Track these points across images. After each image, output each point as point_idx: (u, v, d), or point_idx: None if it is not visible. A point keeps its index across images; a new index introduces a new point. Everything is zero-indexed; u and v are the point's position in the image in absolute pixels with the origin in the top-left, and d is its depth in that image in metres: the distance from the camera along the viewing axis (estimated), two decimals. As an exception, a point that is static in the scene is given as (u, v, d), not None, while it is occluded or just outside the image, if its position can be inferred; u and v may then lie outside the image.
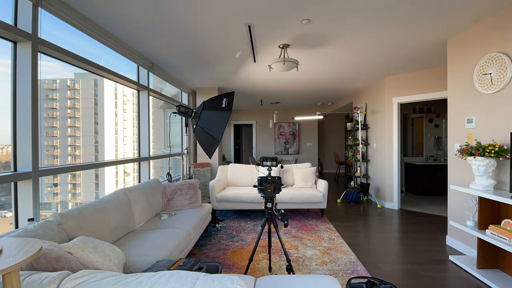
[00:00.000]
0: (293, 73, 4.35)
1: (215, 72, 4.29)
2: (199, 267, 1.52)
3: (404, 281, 2.18)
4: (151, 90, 3.75)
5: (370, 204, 4.85)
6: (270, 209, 2.09)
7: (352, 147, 5.62)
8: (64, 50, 2.19)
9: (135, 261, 1.73)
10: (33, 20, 1.89)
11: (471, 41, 2.64)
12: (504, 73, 2.23)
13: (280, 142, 9.04)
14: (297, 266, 2.42)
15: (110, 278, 0.92)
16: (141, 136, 3.68)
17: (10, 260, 0.82)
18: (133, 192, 2.51)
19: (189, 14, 2.36)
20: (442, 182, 5.58)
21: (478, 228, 2.25)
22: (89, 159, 9.05)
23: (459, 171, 2.79)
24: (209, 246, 2.91)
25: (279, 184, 2.07)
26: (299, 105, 8.12)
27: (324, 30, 2.69)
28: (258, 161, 2.20)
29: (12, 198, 1.83)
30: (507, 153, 2.12)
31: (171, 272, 0.94)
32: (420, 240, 3.06)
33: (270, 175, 2.11)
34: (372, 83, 5.10)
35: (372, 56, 3.51)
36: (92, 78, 8.74)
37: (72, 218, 1.70)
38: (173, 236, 2.16)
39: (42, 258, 1.10)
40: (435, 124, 6.07)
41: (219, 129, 3.06)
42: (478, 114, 2.55)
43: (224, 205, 3.91)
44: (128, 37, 2.83)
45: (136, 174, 3.76)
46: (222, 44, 3.08)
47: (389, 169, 4.57)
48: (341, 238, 3.11)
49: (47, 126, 8.38)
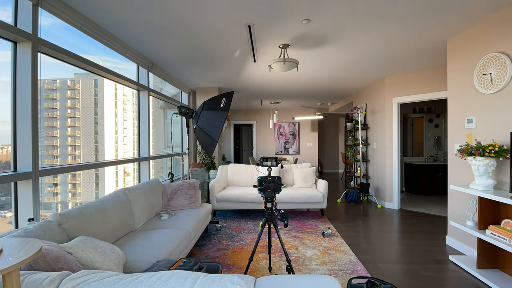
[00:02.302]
0: (293, 73, 4.35)
1: (215, 72, 4.29)
2: (199, 267, 1.52)
3: (404, 281, 2.18)
4: (151, 90, 3.75)
5: (370, 204, 4.85)
6: (270, 209, 2.09)
7: (352, 147, 5.62)
8: (64, 50, 2.19)
9: (135, 261, 1.73)
10: (33, 20, 1.89)
11: (471, 41, 2.64)
12: (504, 73, 2.23)
13: (280, 142, 9.04)
14: (297, 266, 2.42)
15: (110, 278, 0.92)
16: (141, 136, 3.68)
17: (10, 260, 0.82)
18: (133, 192, 2.51)
19: (189, 14, 2.36)
20: (442, 182, 5.58)
21: (478, 228, 2.25)
22: (89, 159, 9.05)
23: (459, 171, 2.79)
24: (209, 246, 2.91)
25: (279, 184, 2.08)
26: (299, 105, 8.12)
27: (324, 30, 2.69)
28: (258, 161, 2.20)
29: (12, 198, 1.83)
30: (507, 153, 2.12)
31: (171, 272, 0.94)
32: (420, 240, 3.06)
33: (270, 175, 2.11)
34: (372, 83, 5.10)
35: (372, 56, 3.51)
36: (92, 78, 8.74)
37: (72, 218, 1.70)
38: (173, 236, 2.16)
39: (41, 258, 1.10)
40: (435, 124, 6.07)
41: (216, 129, 3.06)
42: (478, 114, 2.55)
43: (224, 205, 3.91)
44: (128, 37, 2.83)
45: (136, 174, 3.77)
46: (222, 44, 3.08)
47: (389, 169, 4.57)
48: (341, 238, 3.11)
49: (47, 126, 8.39)
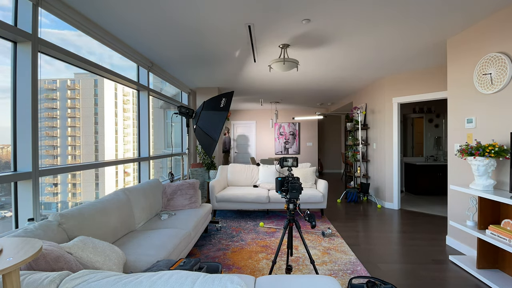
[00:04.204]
0: (293, 73, 4.35)
1: (215, 72, 4.29)
2: (199, 267, 1.52)
3: (404, 281, 2.18)
4: (151, 90, 3.75)
5: (370, 204, 4.85)
6: (293, 209, 2.05)
7: (352, 147, 5.62)
8: (64, 50, 2.19)
9: (135, 261, 1.73)
10: (33, 20, 1.89)
11: (471, 41, 2.64)
12: (504, 73, 2.23)
13: (280, 142, 9.04)
14: (297, 266, 2.42)
15: (110, 278, 0.92)
16: (141, 136, 3.68)
17: (10, 260, 0.82)
18: (133, 192, 2.51)
19: (189, 14, 2.36)
20: (442, 182, 5.57)
21: (478, 228, 2.25)
22: (89, 159, 9.04)
23: (459, 171, 2.79)
24: (209, 246, 2.91)
25: (300, 184, 2.04)
26: (299, 105, 8.12)
27: (324, 30, 2.69)
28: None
29: (12, 198, 1.83)
30: (507, 153, 2.12)
31: (171, 272, 0.94)
32: (420, 240, 3.06)
33: (293, 175, 2.06)
34: (372, 83, 5.10)
35: (372, 56, 3.51)
36: (92, 78, 8.74)
37: (72, 218, 1.70)
38: (173, 236, 2.16)
39: (41, 258, 1.10)
40: (435, 124, 6.07)
41: (216, 129, 3.06)
42: (478, 114, 2.55)
43: (224, 205, 3.91)
44: (128, 37, 2.83)
45: (136, 174, 3.77)
46: (222, 44, 3.08)
47: (389, 169, 4.56)
48: (341, 238, 3.11)
49: (47, 126, 8.38)
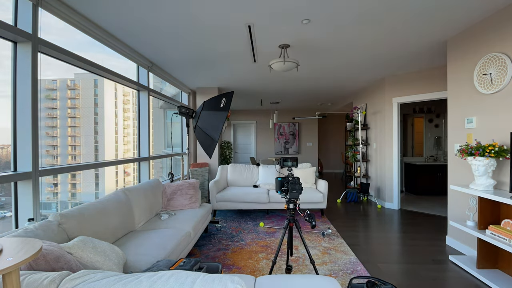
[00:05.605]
0: (293, 73, 4.35)
1: (215, 72, 4.29)
2: (199, 267, 1.52)
3: (404, 281, 2.18)
4: (151, 90, 3.75)
5: (370, 204, 4.85)
6: (294, 209, 2.05)
7: (352, 147, 5.62)
8: (64, 50, 2.19)
9: (135, 261, 1.73)
10: (33, 20, 1.89)
11: (471, 41, 2.64)
12: (504, 73, 2.23)
13: (280, 142, 9.04)
14: (297, 266, 2.42)
15: (110, 278, 0.92)
16: (141, 136, 3.68)
17: (10, 260, 0.82)
18: (133, 192, 2.51)
19: (189, 14, 2.36)
20: (442, 182, 5.57)
21: (478, 228, 2.25)
22: (89, 159, 9.04)
23: (459, 171, 2.79)
24: (209, 246, 2.91)
25: (300, 184, 2.04)
26: (299, 105, 8.12)
27: (324, 30, 2.69)
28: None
29: (12, 198, 1.83)
30: (507, 153, 2.12)
31: (171, 272, 0.94)
32: (420, 240, 3.06)
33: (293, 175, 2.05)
34: (372, 83, 5.10)
35: (372, 56, 3.51)
36: (92, 78, 8.74)
37: (72, 218, 1.70)
38: (173, 236, 2.16)
39: (41, 258, 1.10)
40: (435, 124, 6.07)
41: (216, 129, 3.05)
42: (478, 114, 2.55)
43: (224, 205, 3.91)
44: (128, 37, 2.83)
45: (136, 174, 3.77)
46: (222, 44, 3.08)
47: (389, 169, 4.56)
48: (341, 238, 3.11)
49: (47, 126, 8.38)
